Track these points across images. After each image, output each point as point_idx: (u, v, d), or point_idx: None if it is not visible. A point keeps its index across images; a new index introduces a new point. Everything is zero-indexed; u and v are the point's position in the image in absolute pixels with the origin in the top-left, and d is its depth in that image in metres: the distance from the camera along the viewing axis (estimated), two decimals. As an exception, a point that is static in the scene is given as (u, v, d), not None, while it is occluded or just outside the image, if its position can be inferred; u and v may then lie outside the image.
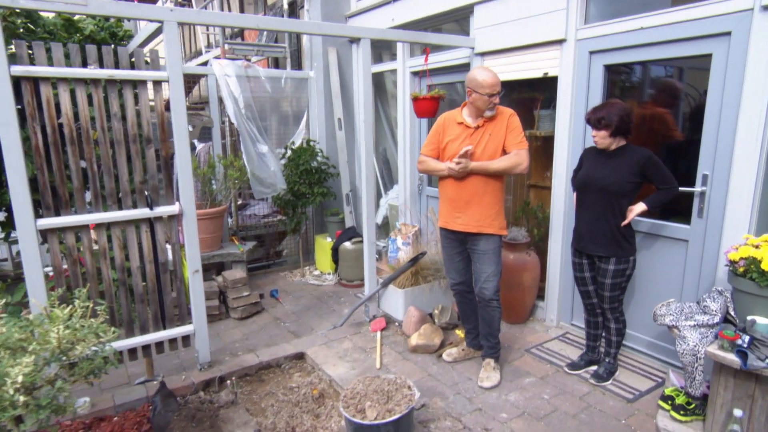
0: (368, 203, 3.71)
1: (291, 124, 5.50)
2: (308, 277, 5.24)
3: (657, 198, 2.68)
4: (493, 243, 2.91)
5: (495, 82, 2.74)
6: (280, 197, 5.06)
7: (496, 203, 2.92)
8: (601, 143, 2.73)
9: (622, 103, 2.69)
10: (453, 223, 2.98)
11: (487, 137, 2.84)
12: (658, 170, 2.64)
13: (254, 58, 6.20)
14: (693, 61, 2.99)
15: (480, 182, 2.85)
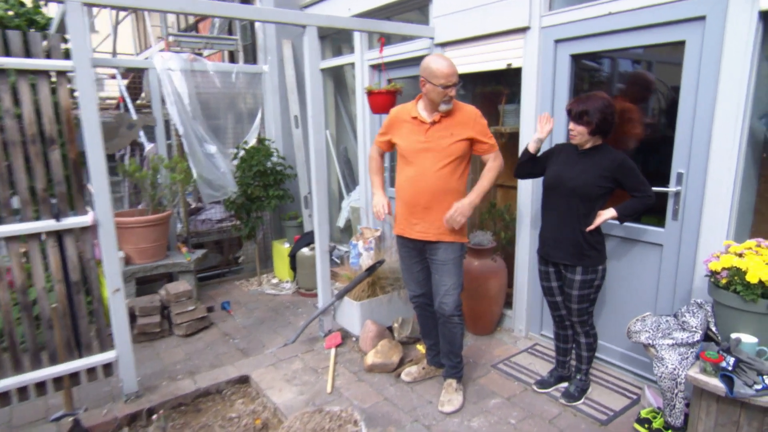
0: (320, 209, 3.38)
1: (245, 122, 5.14)
2: (265, 286, 4.88)
3: (629, 206, 2.42)
4: (453, 252, 2.62)
5: (451, 72, 2.44)
6: (231, 201, 4.69)
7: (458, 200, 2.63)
8: (577, 139, 2.46)
9: (608, 98, 2.42)
10: (411, 230, 2.69)
11: (447, 136, 2.54)
12: (631, 176, 2.38)
13: (207, 52, 5.81)
14: (666, 51, 2.75)
15: (440, 185, 2.55)
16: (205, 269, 5.20)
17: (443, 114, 2.54)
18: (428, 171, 2.54)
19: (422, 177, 2.56)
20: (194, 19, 6.58)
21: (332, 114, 5.33)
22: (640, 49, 2.87)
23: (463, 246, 2.70)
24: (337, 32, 4.91)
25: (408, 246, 2.77)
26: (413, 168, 2.59)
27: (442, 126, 2.55)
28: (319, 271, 3.49)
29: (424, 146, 2.55)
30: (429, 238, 2.63)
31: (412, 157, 2.59)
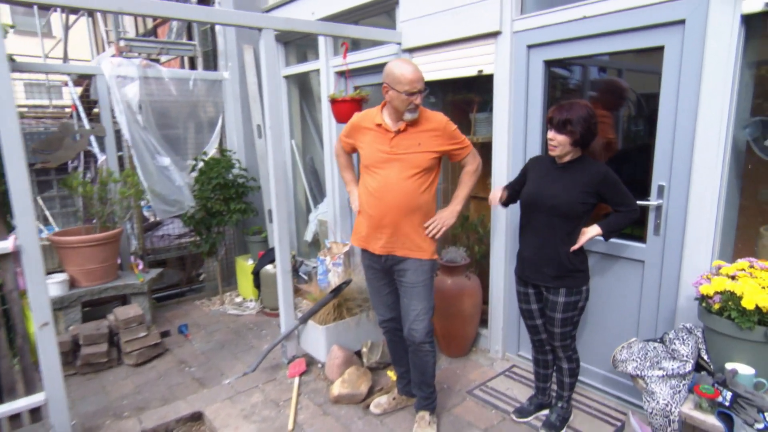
0: (280, 225, 3.13)
1: (205, 132, 4.85)
2: (227, 306, 4.58)
3: (614, 222, 2.25)
4: (423, 272, 2.41)
5: (415, 78, 2.24)
6: (189, 216, 4.38)
7: (430, 213, 2.45)
8: (557, 150, 2.28)
9: (590, 106, 2.25)
10: (374, 244, 2.47)
11: (413, 146, 2.34)
12: (615, 190, 2.21)
13: (164, 58, 5.50)
14: (643, 58, 2.62)
15: (407, 199, 2.34)
16: (164, 288, 4.86)
17: (409, 123, 2.34)
18: (393, 183, 2.34)
19: (387, 190, 2.35)
20: (153, 23, 6.25)
21: (298, 123, 5.09)
22: (617, 55, 2.73)
23: (434, 264, 2.49)
24: (302, 38, 4.68)
25: (374, 267, 2.55)
26: (377, 180, 2.38)
27: (408, 135, 2.35)
28: (281, 292, 3.23)
29: (389, 156, 2.35)
30: (395, 252, 2.42)
31: (376, 167, 2.39)
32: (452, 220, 2.46)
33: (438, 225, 2.41)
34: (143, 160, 3.99)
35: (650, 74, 2.86)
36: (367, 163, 2.44)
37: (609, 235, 2.29)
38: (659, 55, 2.41)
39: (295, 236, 5.21)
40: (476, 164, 2.51)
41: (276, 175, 3.07)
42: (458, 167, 2.57)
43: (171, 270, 5.23)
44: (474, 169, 2.50)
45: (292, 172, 5.09)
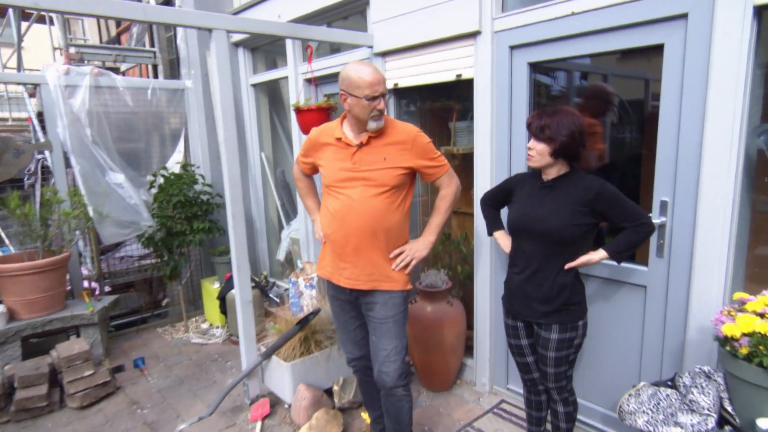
0: (237, 250, 2.78)
1: (167, 146, 4.49)
2: (191, 334, 4.20)
3: (622, 240, 1.93)
4: (394, 307, 2.09)
5: (375, 80, 1.95)
6: (148, 237, 4.01)
7: (402, 237, 2.14)
8: (536, 160, 1.98)
9: (579, 115, 1.96)
10: (338, 276, 2.15)
11: (378, 161, 2.03)
12: (615, 204, 1.91)
13: (124, 66, 5.15)
14: (634, 61, 2.34)
15: (373, 221, 2.03)
16: (124, 315, 4.46)
17: (373, 134, 2.03)
18: (357, 204, 2.03)
19: (350, 212, 2.04)
20: (117, 30, 5.89)
21: (268, 134, 4.75)
22: (608, 57, 2.45)
23: (407, 296, 2.17)
24: (269, 43, 4.37)
25: (340, 298, 2.23)
26: (339, 201, 2.08)
27: (372, 148, 2.04)
28: (241, 325, 2.88)
29: (351, 174, 2.04)
30: (360, 286, 2.10)
31: (337, 187, 2.08)
32: (425, 252, 2.15)
33: (407, 257, 2.10)
34: (90, 179, 3.62)
35: (638, 80, 2.62)
36: (327, 182, 2.14)
37: (619, 257, 1.97)
38: (653, 58, 2.14)
39: (266, 255, 4.85)
40: (453, 188, 2.18)
41: (232, 195, 2.73)
42: (447, 159, 2.26)
43: (136, 293, 4.84)
44: (450, 192, 2.17)
45: (262, 186, 4.74)
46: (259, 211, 4.77)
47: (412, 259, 2.11)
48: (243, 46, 4.49)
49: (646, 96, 2.65)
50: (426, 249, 2.16)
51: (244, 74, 4.56)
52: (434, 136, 3.47)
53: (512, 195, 2.19)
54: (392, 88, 3.24)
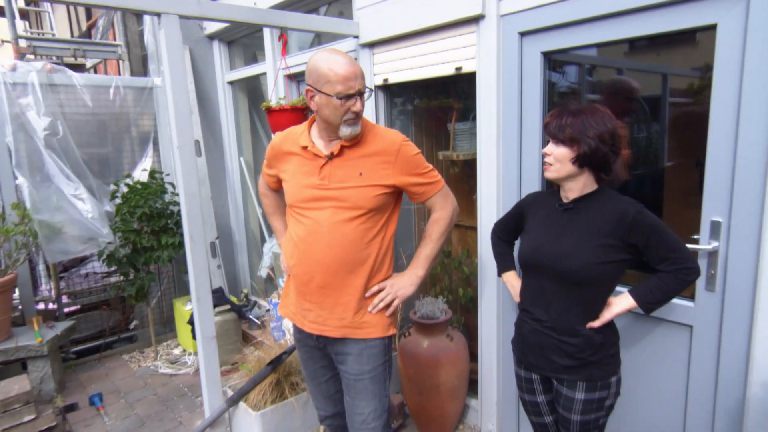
0: (197, 276, 2.34)
1: (135, 151, 4.04)
2: (160, 362, 3.75)
3: (657, 287, 1.51)
4: (371, 358, 1.67)
5: (350, 73, 1.51)
6: (109, 254, 3.56)
7: (380, 280, 1.71)
8: (554, 169, 1.56)
9: (610, 114, 1.53)
10: (302, 319, 1.74)
11: (353, 177, 1.60)
12: (656, 238, 1.48)
13: (89, 62, 4.70)
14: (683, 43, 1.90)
15: (344, 253, 1.61)
16: (86, 339, 4.01)
17: (347, 143, 1.59)
18: (324, 231, 1.61)
19: (316, 240, 1.62)
20: (87, 24, 5.45)
21: (248, 136, 4.31)
22: (642, 44, 2.01)
23: (390, 344, 1.74)
24: (248, 35, 3.93)
25: (307, 344, 1.82)
26: (303, 226, 1.66)
27: (345, 161, 1.62)
28: (203, 366, 2.43)
29: (319, 192, 1.62)
30: (329, 332, 1.68)
31: (302, 208, 1.66)
32: (411, 290, 1.72)
33: (388, 296, 1.67)
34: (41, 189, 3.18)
35: (654, 74, 2.18)
36: (291, 201, 1.71)
37: (650, 308, 1.56)
38: (666, 50, 1.71)
39: (247, 271, 4.41)
40: (449, 210, 1.74)
41: (189, 213, 2.28)
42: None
43: (108, 313, 4.39)
44: (445, 216, 1.74)
45: (242, 195, 4.30)
46: (238, 223, 4.33)
47: (395, 298, 1.68)
48: (218, 39, 4.05)
49: (663, 92, 2.22)
50: (412, 286, 1.72)
51: (219, 70, 4.12)
52: (430, 140, 3.03)
53: (525, 220, 1.76)
54: (381, 85, 2.80)
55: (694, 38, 1.85)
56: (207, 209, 3.95)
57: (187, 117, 2.29)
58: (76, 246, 3.33)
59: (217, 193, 4.18)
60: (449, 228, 1.75)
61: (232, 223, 4.34)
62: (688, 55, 1.92)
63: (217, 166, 4.19)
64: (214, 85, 4.12)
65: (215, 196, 4.08)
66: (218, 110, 4.19)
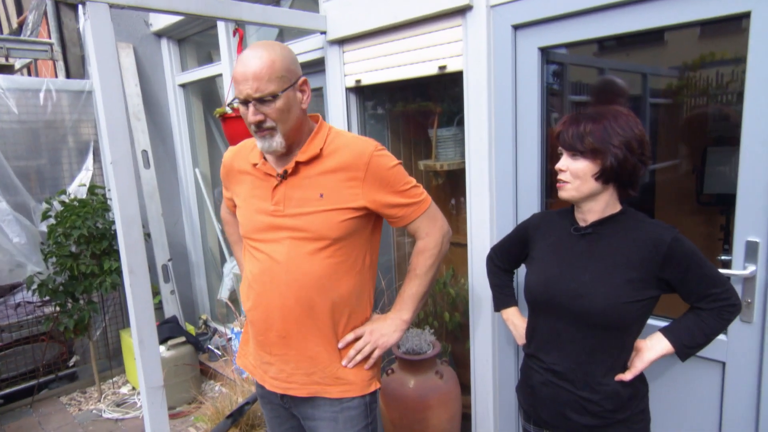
0: (139, 317, 1.94)
1: (73, 164, 3.57)
2: (105, 404, 3.29)
3: (697, 330, 1.27)
4: (350, 422, 1.37)
5: (239, 74, 1.23)
6: (39, 282, 3.08)
7: (361, 315, 1.39)
8: (572, 188, 1.28)
9: (634, 116, 1.26)
10: (262, 373, 1.42)
11: (313, 201, 1.29)
12: (694, 270, 1.23)
13: (18, 62, 4.18)
14: (713, 33, 1.66)
15: (309, 287, 1.30)
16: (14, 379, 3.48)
17: (302, 158, 1.29)
18: (281, 268, 1.30)
19: (272, 280, 1.30)
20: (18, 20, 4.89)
21: (203, 145, 3.90)
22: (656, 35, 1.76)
23: (372, 401, 1.42)
24: (200, 32, 3.53)
25: (271, 401, 1.49)
26: (257, 262, 1.34)
27: (302, 179, 1.31)
28: (148, 423, 2.03)
29: (273, 220, 1.31)
30: (294, 391, 1.36)
31: (255, 240, 1.35)
32: (395, 338, 1.40)
33: (367, 347, 1.35)
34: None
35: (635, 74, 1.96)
36: (243, 231, 1.40)
37: (689, 353, 1.30)
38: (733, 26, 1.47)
39: (206, 294, 3.98)
40: (436, 237, 1.41)
41: (127, 242, 1.89)
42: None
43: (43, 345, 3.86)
44: (433, 244, 1.40)
45: (198, 210, 3.88)
46: (195, 242, 3.90)
47: (375, 348, 1.36)
48: (167, 37, 3.63)
49: (643, 93, 2.00)
50: (397, 332, 1.41)
51: (170, 72, 3.70)
52: (409, 148, 2.73)
53: (530, 246, 1.48)
54: (353, 86, 2.48)
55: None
56: (157, 228, 3.51)
57: (122, 126, 1.90)
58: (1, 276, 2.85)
59: (170, 209, 3.75)
60: (439, 258, 1.43)
61: (188, 241, 3.91)
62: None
63: (168, 179, 3.76)
64: (164, 88, 3.70)
65: (167, 212, 3.64)
66: (169, 116, 3.76)
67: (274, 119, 1.24)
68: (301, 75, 1.30)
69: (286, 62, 1.25)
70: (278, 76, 1.22)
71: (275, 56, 1.23)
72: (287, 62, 1.25)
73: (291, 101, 1.25)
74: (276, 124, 1.25)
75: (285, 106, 1.24)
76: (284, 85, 1.23)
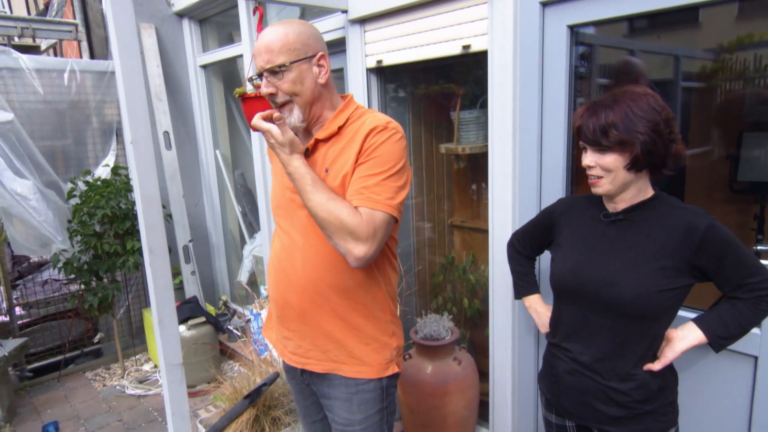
0: (159, 295, 1.95)
1: (98, 144, 3.62)
2: (128, 380, 3.37)
3: (732, 321, 1.21)
4: (364, 405, 1.36)
5: (257, 46, 1.24)
6: (65, 261, 3.15)
7: (377, 300, 1.35)
8: (606, 182, 1.23)
9: (653, 93, 1.20)
10: (282, 347, 1.44)
11: (329, 177, 1.26)
12: (732, 257, 1.17)
13: (44, 43, 4.23)
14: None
15: (324, 273, 1.28)
16: (44, 354, 3.59)
17: (320, 135, 1.27)
18: (298, 247, 1.30)
19: (289, 257, 1.31)
20: (43, 1, 4.95)
21: (224, 127, 3.91)
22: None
23: (389, 386, 1.41)
24: (222, 12, 3.51)
25: (295, 376, 1.49)
26: (279, 238, 1.37)
27: (321, 157, 1.29)
28: (168, 400, 2.06)
29: (293, 196, 1.29)
30: (312, 366, 1.36)
31: (279, 216, 1.37)
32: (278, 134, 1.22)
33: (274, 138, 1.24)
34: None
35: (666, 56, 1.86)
36: (272, 206, 1.42)
37: (723, 345, 1.25)
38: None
39: (226, 276, 4.02)
40: (351, 219, 1.14)
41: (147, 221, 1.89)
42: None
43: (69, 322, 3.96)
44: (343, 218, 1.15)
45: (218, 192, 3.91)
46: (215, 224, 3.93)
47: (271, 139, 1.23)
48: (189, 17, 3.62)
49: (675, 76, 1.90)
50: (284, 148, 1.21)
51: (191, 52, 3.69)
52: (430, 131, 2.67)
53: (555, 232, 1.43)
54: (374, 67, 2.43)
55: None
56: (179, 209, 3.55)
57: (142, 105, 1.88)
58: (34, 247, 2.93)
59: (191, 190, 3.78)
60: (325, 219, 1.15)
61: (208, 223, 3.94)
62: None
63: (190, 161, 3.78)
64: (185, 69, 3.70)
65: (188, 193, 3.67)
66: (190, 97, 3.77)
67: (285, 91, 1.23)
68: (320, 50, 1.27)
69: (302, 36, 1.23)
70: (290, 48, 1.21)
71: (289, 30, 1.22)
72: (303, 36, 1.23)
73: (303, 74, 1.23)
74: (290, 98, 1.23)
75: (297, 78, 1.22)
76: (295, 57, 1.22)
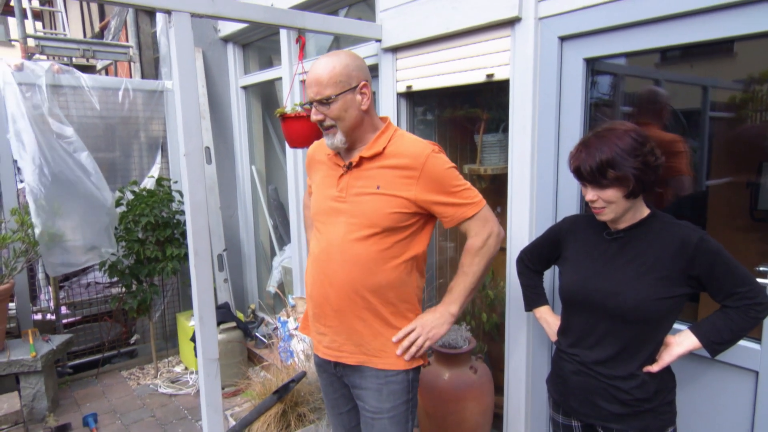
0: (201, 294, 2.15)
1: (144, 157, 3.90)
2: (160, 381, 3.55)
3: (724, 327, 1.32)
4: (392, 395, 1.50)
5: (310, 77, 1.44)
6: (112, 265, 3.39)
7: (405, 301, 1.51)
8: (610, 211, 1.37)
9: (630, 126, 1.35)
10: (317, 342, 1.60)
11: (369, 190, 1.45)
12: (720, 268, 1.29)
13: (100, 63, 4.59)
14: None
15: (356, 269, 1.45)
16: (84, 352, 3.82)
17: (366, 153, 1.46)
18: (337, 249, 1.46)
19: (329, 258, 1.48)
20: (100, 25, 5.35)
21: (260, 144, 4.15)
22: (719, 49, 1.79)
23: (414, 378, 1.55)
24: (263, 37, 3.78)
25: (326, 370, 1.64)
26: (319, 242, 1.53)
27: (362, 172, 1.47)
28: (203, 390, 2.23)
29: (335, 205, 1.49)
30: (345, 359, 1.52)
31: (320, 220, 1.55)
32: (443, 330, 1.53)
33: (419, 339, 1.49)
34: (38, 195, 3.01)
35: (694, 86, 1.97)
36: (313, 213, 1.60)
37: (717, 350, 1.35)
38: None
39: (255, 285, 4.22)
40: (482, 237, 1.50)
41: (195, 227, 2.09)
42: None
43: (107, 324, 4.21)
44: (477, 244, 1.51)
45: (252, 206, 4.13)
46: (248, 235, 4.15)
47: (426, 339, 1.48)
48: (233, 42, 3.91)
49: (703, 106, 2.00)
50: (445, 325, 1.53)
51: (233, 74, 3.97)
52: (455, 152, 2.84)
53: (562, 247, 1.56)
54: (404, 92, 2.62)
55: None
56: (215, 219, 3.77)
57: (196, 122, 2.12)
58: (78, 258, 3.16)
59: (227, 202, 4.01)
60: (486, 257, 1.53)
61: (242, 234, 4.16)
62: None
63: (227, 175, 4.03)
64: (227, 89, 3.97)
65: (224, 205, 3.90)
66: (230, 116, 4.03)
67: (332, 118, 1.42)
68: (363, 80, 1.45)
69: (348, 69, 1.41)
70: (336, 81, 1.39)
71: (336, 63, 1.40)
72: (349, 69, 1.41)
73: (348, 103, 1.41)
74: (335, 123, 1.41)
75: (341, 107, 1.41)
76: (341, 89, 1.40)
